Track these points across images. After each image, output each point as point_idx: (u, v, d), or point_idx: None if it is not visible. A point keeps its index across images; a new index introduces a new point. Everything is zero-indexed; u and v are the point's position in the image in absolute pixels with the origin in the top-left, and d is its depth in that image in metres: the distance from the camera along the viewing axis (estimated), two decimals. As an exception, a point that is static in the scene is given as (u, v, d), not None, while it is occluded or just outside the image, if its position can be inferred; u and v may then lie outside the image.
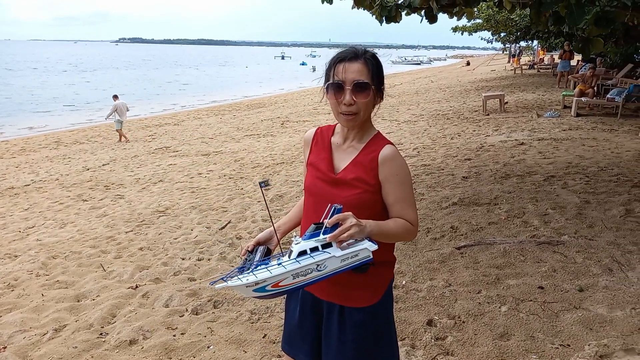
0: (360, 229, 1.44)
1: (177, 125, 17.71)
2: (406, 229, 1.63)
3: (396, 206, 1.64)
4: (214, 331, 3.25)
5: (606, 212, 4.88)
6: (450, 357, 2.76)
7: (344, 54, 1.64)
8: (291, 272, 1.36)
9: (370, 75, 1.61)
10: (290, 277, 1.37)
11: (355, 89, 1.59)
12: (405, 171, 1.67)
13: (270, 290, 1.37)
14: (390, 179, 1.64)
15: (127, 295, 3.91)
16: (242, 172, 8.64)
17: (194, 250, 4.88)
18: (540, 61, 31.73)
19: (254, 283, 1.34)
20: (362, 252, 1.43)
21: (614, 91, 11.56)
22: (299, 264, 1.37)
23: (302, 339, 1.83)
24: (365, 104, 1.62)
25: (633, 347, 2.69)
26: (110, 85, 35.01)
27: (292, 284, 1.38)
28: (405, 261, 4.10)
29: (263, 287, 1.36)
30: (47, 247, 5.42)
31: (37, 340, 3.31)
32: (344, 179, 1.67)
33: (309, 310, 1.80)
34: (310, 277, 1.39)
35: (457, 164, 7.44)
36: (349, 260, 1.42)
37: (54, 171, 10.56)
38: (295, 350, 1.85)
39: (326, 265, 1.39)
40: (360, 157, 1.68)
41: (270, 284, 1.36)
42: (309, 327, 1.81)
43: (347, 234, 1.41)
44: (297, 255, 1.38)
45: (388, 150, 1.66)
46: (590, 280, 3.51)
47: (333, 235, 1.41)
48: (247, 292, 1.37)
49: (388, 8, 5.40)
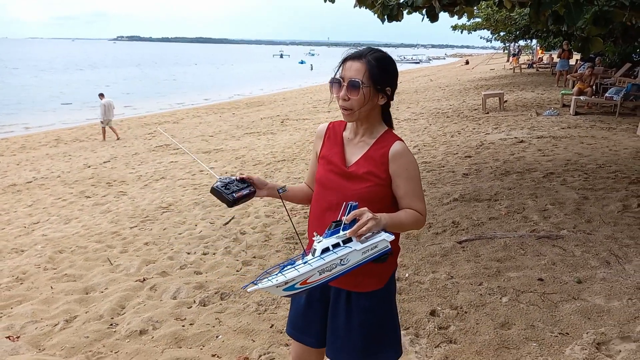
0: (376, 222, 1.54)
1: (176, 123, 17.77)
2: (416, 218, 1.73)
3: (406, 199, 1.74)
4: (222, 322, 3.33)
5: (604, 207, 4.97)
6: (453, 345, 2.85)
7: (352, 53, 1.74)
8: (317, 268, 1.45)
9: (367, 75, 1.68)
10: (317, 273, 1.45)
11: (349, 86, 1.69)
12: (414, 166, 1.76)
13: (299, 288, 1.45)
14: (400, 173, 1.73)
15: (135, 288, 3.98)
16: (244, 170, 8.72)
17: (198, 245, 4.96)
18: (539, 60, 31.85)
19: (284, 283, 1.42)
20: (381, 244, 1.53)
21: (613, 90, 11.66)
22: (324, 261, 1.46)
23: (309, 322, 1.90)
24: (357, 101, 1.70)
25: (629, 335, 2.79)
26: (107, 84, 35.01)
27: (319, 280, 1.47)
28: (408, 255, 4.18)
29: (292, 286, 1.44)
30: (53, 242, 5.49)
31: (49, 330, 3.38)
32: (355, 172, 1.76)
33: (316, 296, 1.87)
34: (335, 271, 1.48)
35: (458, 161, 7.53)
36: (369, 252, 1.51)
37: (55, 168, 10.61)
38: (301, 333, 1.92)
39: (349, 259, 1.49)
40: (371, 151, 1.77)
41: (298, 282, 1.44)
42: (316, 311, 1.88)
43: (366, 227, 1.50)
44: (320, 253, 1.47)
45: (398, 147, 1.75)
46: (588, 273, 3.60)
47: (352, 231, 1.50)
48: (278, 292, 1.44)
49: (390, 7, 5.48)
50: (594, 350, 2.68)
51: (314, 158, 1.95)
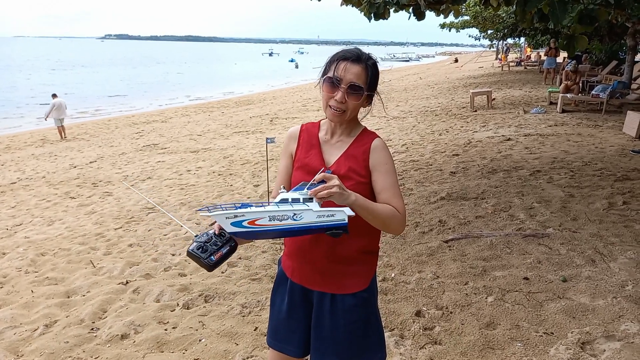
0: (341, 191, 1.48)
1: (164, 122, 17.60)
2: (393, 213, 1.66)
3: (384, 194, 1.70)
4: (205, 325, 3.27)
5: (590, 205, 4.99)
6: (438, 347, 2.83)
7: (348, 53, 1.69)
8: (268, 212, 1.45)
9: (366, 80, 1.68)
10: (267, 217, 1.45)
11: (349, 89, 1.65)
12: (392, 163, 1.76)
13: (246, 227, 1.46)
14: (378, 167, 1.72)
15: (118, 291, 3.91)
16: (232, 169, 8.65)
17: (184, 246, 4.89)
18: (527, 58, 32.08)
19: (233, 215, 1.45)
20: (338, 214, 1.45)
21: (599, 87, 11.76)
22: (277, 207, 1.45)
23: (291, 330, 1.85)
24: (354, 106, 1.69)
25: (614, 333, 2.78)
26: (94, 83, 34.57)
27: (267, 226, 1.46)
28: (395, 254, 4.16)
29: (240, 222, 1.46)
30: (36, 244, 5.39)
31: (28, 335, 3.31)
32: (337, 172, 1.72)
33: (298, 301, 1.83)
34: (285, 223, 1.45)
35: (445, 160, 7.53)
36: (324, 218, 1.45)
37: (41, 169, 10.45)
38: (283, 342, 1.87)
39: (302, 217, 1.44)
40: (351, 149, 1.75)
41: (247, 219, 1.46)
42: (299, 318, 1.84)
43: (327, 191, 1.45)
44: (279, 201, 1.47)
45: (378, 142, 1.76)
46: (573, 271, 3.60)
47: (314, 190, 1.46)
48: (226, 224, 1.47)
49: (376, 5, 5.45)
50: (578, 350, 2.67)
51: (286, 160, 1.91)
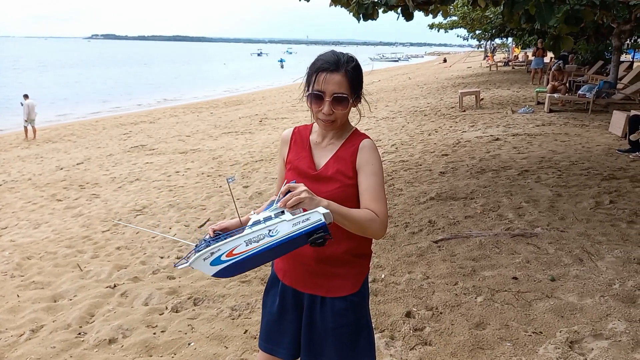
0: (310, 196, 1.45)
1: (152, 123, 17.46)
2: (371, 217, 1.61)
3: (365, 195, 1.66)
4: (194, 328, 3.25)
5: (577, 204, 5.03)
6: (428, 347, 2.83)
7: (325, 64, 1.65)
8: (243, 237, 1.39)
9: (349, 87, 1.65)
10: (243, 243, 1.39)
11: (334, 100, 1.64)
12: (379, 164, 1.72)
13: (226, 261, 1.39)
14: (364, 168, 1.70)
15: (106, 295, 3.87)
16: (221, 170, 8.60)
17: (172, 249, 4.85)
18: (515, 58, 32.35)
19: (209, 254, 1.39)
20: (313, 216, 1.40)
21: (585, 87, 11.88)
22: (251, 230, 1.40)
23: (282, 333, 1.85)
24: (342, 114, 1.69)
25: (602, 332, 2.81)
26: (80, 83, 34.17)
27: (246, 251, 1.39)
28: (385, 255, 4.16)
29: (218, 258, 1.39)
30: (22, 247, 5.31)
31: (13, 341, 3.26)
32: (324, 174, 1.72)
33: (289, 303, 1.82)
34: (263, 242, 1.39)
35: (435, 160, 7.56)
36: (300, 224, 1.39)
37: (27, 171, 10.30)
38: (274, 345, 1.87)
39: (278, 230, 1.40)
40: (340, 151, 1.74)
41: (224, 252, 1.39)
42: (290, 321, 1.83)
43: (295, 198, 1.42)
44: (251, 224, 1.43)
45: (367, 142, 1.74)
46: (561, 270, 3.63)
47: (282, 201, 1.43)
48: (206, 268, 1.40)
49: (365, 5, 5.45)
50: (567, 349, 2.69)
51: (282, 164, 1.90)
